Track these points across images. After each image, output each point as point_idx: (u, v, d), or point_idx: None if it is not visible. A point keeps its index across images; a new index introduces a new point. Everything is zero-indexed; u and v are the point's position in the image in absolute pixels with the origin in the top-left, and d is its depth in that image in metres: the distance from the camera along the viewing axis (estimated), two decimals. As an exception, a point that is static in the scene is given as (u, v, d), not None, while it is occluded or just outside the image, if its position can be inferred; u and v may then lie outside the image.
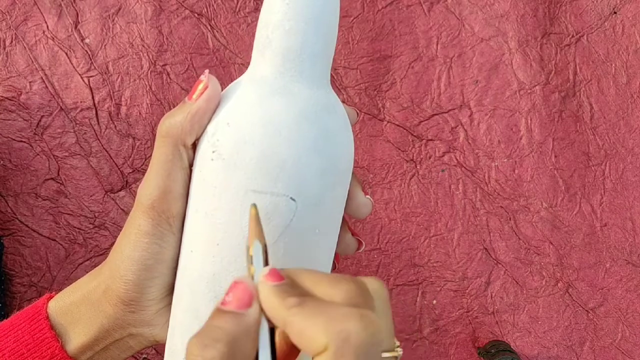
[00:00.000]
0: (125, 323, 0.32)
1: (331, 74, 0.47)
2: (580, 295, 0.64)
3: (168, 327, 0.33)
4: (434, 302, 0.63)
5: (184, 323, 0.31)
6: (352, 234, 0.34)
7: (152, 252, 0.31)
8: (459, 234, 0.63)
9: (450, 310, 0.63)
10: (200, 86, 0.30)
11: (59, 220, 0.59)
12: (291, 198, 0.27)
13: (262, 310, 0.24)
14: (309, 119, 0.28)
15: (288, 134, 0.27)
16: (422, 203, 0.62)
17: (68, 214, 0.60)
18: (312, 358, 0.22)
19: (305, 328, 0.22)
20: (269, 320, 0.24)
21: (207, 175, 0.29)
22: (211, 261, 0.29)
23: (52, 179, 0.59)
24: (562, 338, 0.64)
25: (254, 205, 0.26)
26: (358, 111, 0.34)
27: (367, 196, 0.33)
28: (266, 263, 0.25)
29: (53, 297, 0.34)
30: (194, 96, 0.30)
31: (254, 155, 0.27)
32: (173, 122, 0.30)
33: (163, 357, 0.36)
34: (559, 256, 0.64)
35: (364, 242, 0.35)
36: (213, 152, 0.28)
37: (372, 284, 0.24)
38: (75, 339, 0.32)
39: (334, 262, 0.34)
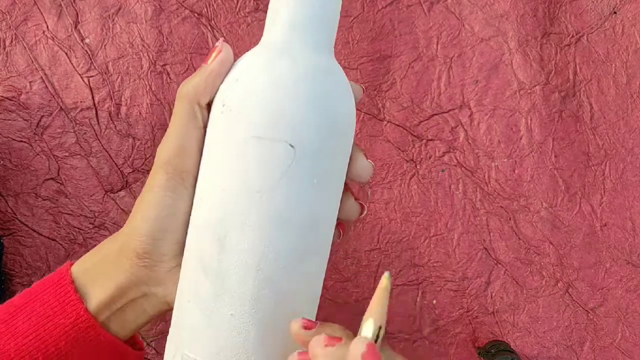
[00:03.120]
0: (140, 280, 0.34)
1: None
2: (580, 295, 0.64)
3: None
4: (434, 302, 0.63)
5: (189, 267, 0.32)
6: (355, 199, 0.36)
7: (165, 205, 0.33)
8: (459, 234, 0.63)
9: (450, 310, 0.63)
10: (214, 50, 0.33)
11: (59, 220, 0.59)
12: (290, 145, 0.30)
13: None
14: (309, 77, 0.31)
15: (289, 88, 0.30)
16: (422, 203, 0.62)
17: (68, 214, 0.60)
18: None
19: None
20: None
21: (216, 129, 0.32)
22: (217, 207, 0.31)
23: (52, 179, 0.59)
24: (562, 338, 0.64)
25: (388, 276, 0.28)
26: (364, 88, 0.36)
27: (369, 160, 0.35)
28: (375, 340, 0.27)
29: (73, 263, 0.35)
30: (209, 60, 0.33)
31: (257, 105, 0.30)
32: (189, 84, 0.33)
33: (163, 357, 0.36)
34: (559, 256, 0.64)
35: (366, 207, 0.37)
36: (223, 106, 0.31)
37: None
38: (94, 297, 0.34)
39: (339, 230, 0.36)
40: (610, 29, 0.64)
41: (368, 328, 0.27)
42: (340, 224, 0.36)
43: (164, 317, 0.60)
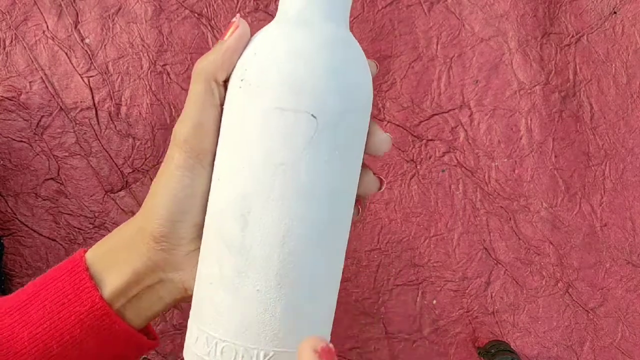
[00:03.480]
0: (156, 265, 0.33)
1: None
2: (580, 295, 0.64)
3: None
4: (434, 302, 0.63)
5: (210, 247, 0.32)
6: (374, 173, 0.36)
7: (182, 185, 0.32)
8: (459, 234, 0.63)
9: (450, 310, 0.63)
10: (230, 26, 0.32)
11: (59, 220, 0.59)
12: (312, 115, 0.30)
13: None
14: (328, 47, 0.31)
15: (308, 59, 0.30)
16: (422, 203, 0.62)
17: (68, 214, 0.60)
18: None
19: None
20: None
21: (235, 104, 0.31)
22: (239, 183, 0.31)
23: (52, 179, 0.59)
24: (562, 338, 0.64)
25: None
26: (377, 64, 0.37)
27: (387, 133, 0.35)
28: None
29: (87, 250, 0.35)
30: (226, 36, 0.32)
31: (277, 76, 0.30)
32: (206, 61, 0.32)
33: (163, 357, 0.36)
34: (559, 256, 0.64)
35: (384, 181, 0.37)
36: (241, 80, 0.31)
37: None
38: (109, 284, 0.33)
39: (358, 207, 0.36)
40: (610, 29, 0.64)
41: None
42: (359, 200, 0.36)
43: (164, 316, 0.60)
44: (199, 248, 0.34)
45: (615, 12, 0.64)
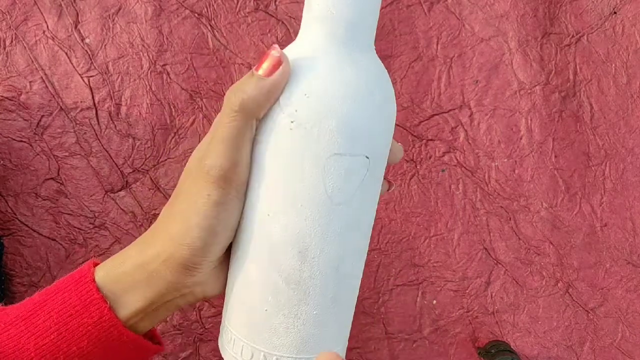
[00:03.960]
0: (182, 286, 0.34)
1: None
2: (580, 295, 0.64)
3: (220, 285, 0.36)
4: (434, 302, 0.63)
5: (266, 282, 0.34)
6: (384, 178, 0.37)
7: (221, 220, 0.32)
8: (459, 234, 0.63)
9: (450, 310, 0.63)
10: (272, 60, 0.31)
11: (59, 220, 0.59)
12: (366, 156, 0.31)
13: None
14: (376, 85, 0.32)
15: (361, 100, 0.31)
16: (422, 203, 0.62)
17: (68, 214, 0.60)
18: None
19: None
20: None
21: (286, 145, 0.31)
22: (295, 222, 0.32)
23: (52, 179, 0.59)
24: (562, 338, 0.64)
25: None
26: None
27: (399, 144, 0.37)
28: None
29: (97, 263, 0.35)
30: (266, 69, 0.31)
31: (334, 122, 0.30)
32: (247, 97, 0.31)
33: (163, 357, 0.36)
34: (559, 256, 0.63)
35: (393, 184, 0.40)
36: (292, 122, 0.31)
37: None
38: (129, 306, 0.34)
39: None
40: (610, 29, 0.64)
41: None
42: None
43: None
44: (222, 263, 0.35)
45: (615, 12, 0.64)
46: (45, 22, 0.59)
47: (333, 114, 0.30)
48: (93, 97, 0.60)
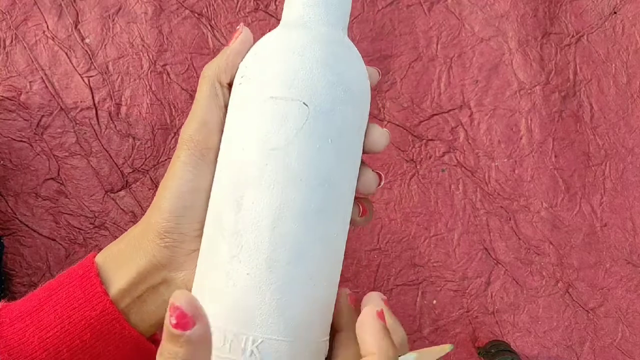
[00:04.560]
0: (160, 264, 0.34)
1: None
2: (580, 295, 0.64)
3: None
4: (434, 302, 0.63)
5: (207, 234, 0.34)
6: (373, 170, 0.37)
7: (185, 180, 0.33)
8: (459, 234, 0.63)
9: (450, 310, 0.63)
10: (237, 33, 0.35)
11: (59, 220, 0.59)
12: (304, 103, 0.32)
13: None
14: (322, 43, 0.33)
15: (302, 52, 0.32)
16: (422, 203, 0.62)
17: (68, 214, 0.60)
18: None
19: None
20: None
21: (235, 100, 0.33)
22: (235, 170, 0.33)
23: (52, 179, 0.59)
24: (562, 338, 0.64)
25: (451, 348, 0.33)
26: (379, 71, 0.38)
27: (384, 129, 0.37)
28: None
29: (96, 254, 0.35)
30: (231, 43, 0.35)
31: (272, 68, 0.32)
32: (212, 64, 0.34)
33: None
34: (559, 256, 0.63)
35: (383, 176, 0.38)
36: (242, 77, 0.33)
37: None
38: (115, 283, 0.34)
39: (359, 207, 0.38)
40: (610, 29, 0.64)
41: (409, 357, 0.31)
42: (360, 201, 0.37)
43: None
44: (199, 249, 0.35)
45: (615, 12, 0.64)
46: (45, 22, 0.59)
47: (272, 61, 0.32)
48: (93, 97, 0.60)
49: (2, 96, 0.59)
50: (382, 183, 0.38)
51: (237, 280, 0.31)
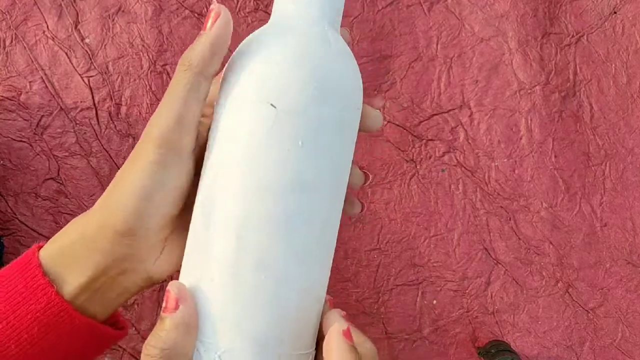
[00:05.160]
0: (120, 258, 0.32)
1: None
2: (580, 295, 0.64)
3: (167, 267, 0.34)
4: (434, 302, 0.63)
5: (188, 246, 0.33)
6: (360, 168, 0.35)
7: (156, 181, 0.31)
8: (459, 234, 0.63)
9: (450, 310, 0.63)
10: (212, 15, 0.31)
11: (59, 220, 0.59)
12: (271, 104, 0.30)
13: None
14: (296, 40, 0.31)
15: (271, 49, 0.31)
16: (422, 203, 0.62)
17: (68, 214, 0.60)
18: None
19: None
20: None
21: (217, 103, 0.32)
22: (209, 176, 0.31)
23: (52, 178, 0.59)
24: (562, 338, 0.64)
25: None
26: (348, 30, 0.36)
27: (377, 110, 0.34)
28: None
29: (42, 246, 0.33)
30: (209, 25, 0.31)
31: (243, 69, 0.31)
32: (193, 53, 0.30)
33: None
34: (559, 256, 0.64)
35: (370, 175, 0.37)
36: (221, 79, 0.32)
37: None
38: (72, 281, 0.32)
39: (357, 201, 0.37)
40: (610, 29, 0.64)
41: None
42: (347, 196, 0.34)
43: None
44: (164, 238, 0.33)
45: (615, 12, 0.64)
46: (45, 22, 0.59)
47: (246, 63, 0.31)
48: (93, 97, 0.60)
49: (2, 96, 0.59)
50: (368, 182, 0.36)
51: (203, 287, 0.30)
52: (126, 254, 0.32)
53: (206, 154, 0.32)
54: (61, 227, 0.60)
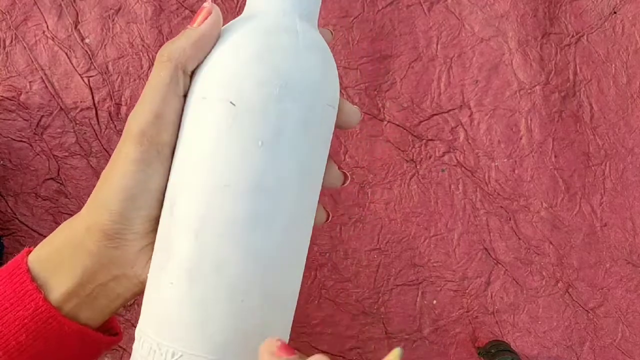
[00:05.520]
0: (109, 262, 0.31)
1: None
2: (580, 295, 0.64)
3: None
4: (434, 302, 0.63)
5: (157, 237, 0.32)
6: (338, 168, 0.34)
7: (138, 180, 0.30)
8: (459, 234, 0.63)
9: (450, 310, 0.63)
10: (203, 12, 0.30)
11: (59, 220, 0.59)
12: (231, 102, 0.29)
13: None
14: (258, 33, 0.29)
15: (236, 45, 0.29)
16: (422, 203, 0.62)
17: (68, 214, 0.60)
18: None
19: None
20: None
21: (187, 101, 0.31)
22: (173, 174, 0.30)
23: (52, 179, 0.59)
24: (562, 338, 0.64)
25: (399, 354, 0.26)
26: (332, 31, 0.35)
27: (355, 106, 0.33)
28: None
29: (32, 250, 0.33)
30: (198, 21, 0.30)
31: (207, 66, 0.30)
32: (175, 47, 0.30)
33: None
34: (559, 256, 0.64)
35: (349, 176, 0.35)
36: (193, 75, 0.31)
37: None
38: (58, 287, 0.31)
39: (325, 212, 0.35)
40: (610, 29, 0.64)
41: None
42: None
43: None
44: (152, 241, 0.32)
45: (615, 12, 0.64)
46: (45, 22, 0.59)
47: (210, 60, 0.30)
48: (93, 97, 0.60)
49: (2, 96, 0.59)
50: (347, 183, 0.34)
51: (162, 290, 0.29)
52: (113, 257, 0.31)
53: (175, 151, 0.31)
54: (61, 227, 0.60)
